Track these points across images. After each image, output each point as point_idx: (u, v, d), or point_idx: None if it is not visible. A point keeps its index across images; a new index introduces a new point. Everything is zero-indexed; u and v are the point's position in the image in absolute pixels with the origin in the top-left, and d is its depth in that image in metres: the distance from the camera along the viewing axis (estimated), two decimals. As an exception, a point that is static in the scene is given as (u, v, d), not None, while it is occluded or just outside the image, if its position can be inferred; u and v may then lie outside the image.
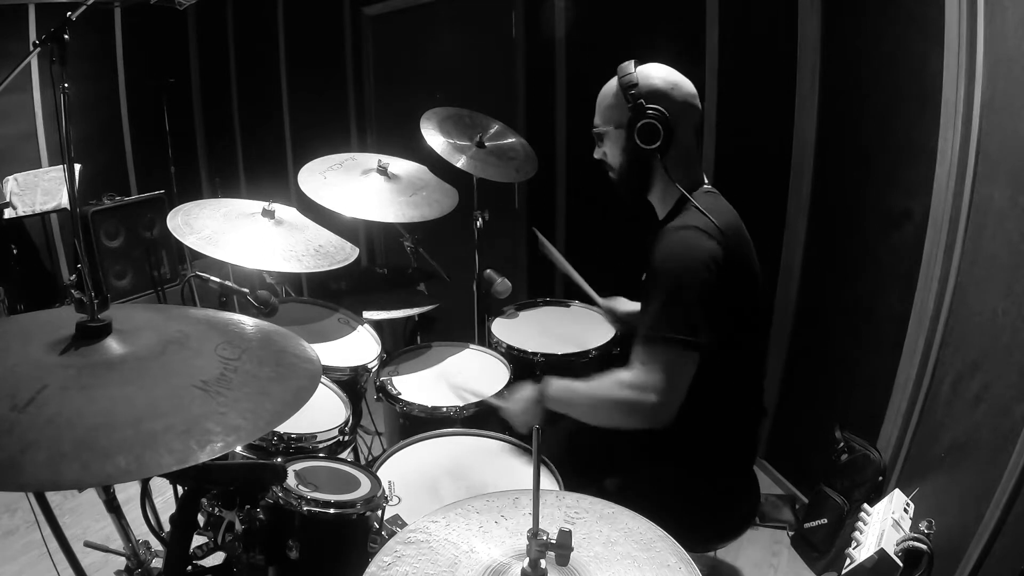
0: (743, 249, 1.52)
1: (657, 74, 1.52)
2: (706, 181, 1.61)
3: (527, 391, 1.60)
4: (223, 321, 1.06)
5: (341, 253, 2.04)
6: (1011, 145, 1.67)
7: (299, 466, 1.47)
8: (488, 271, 2.37)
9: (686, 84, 1.53)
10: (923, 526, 1.81)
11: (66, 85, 1.57)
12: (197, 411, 0.81)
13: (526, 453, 1.67)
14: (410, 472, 1.57)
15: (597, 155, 1.64)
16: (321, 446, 1.67)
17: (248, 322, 1.08)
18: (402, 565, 0.95)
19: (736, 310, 1.47)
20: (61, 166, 3.84)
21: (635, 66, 1.52)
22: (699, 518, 1.54)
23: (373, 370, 2.02)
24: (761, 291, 1.60)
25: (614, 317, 2.16)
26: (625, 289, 2.11)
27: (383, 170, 2.31)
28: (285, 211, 2.11)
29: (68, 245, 4.48)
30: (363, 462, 2.24)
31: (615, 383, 1.44)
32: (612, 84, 1.56)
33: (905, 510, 1.90)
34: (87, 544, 1.71)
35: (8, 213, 3.69)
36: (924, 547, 1.76)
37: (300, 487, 1.35)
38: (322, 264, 1.96)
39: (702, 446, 1.54)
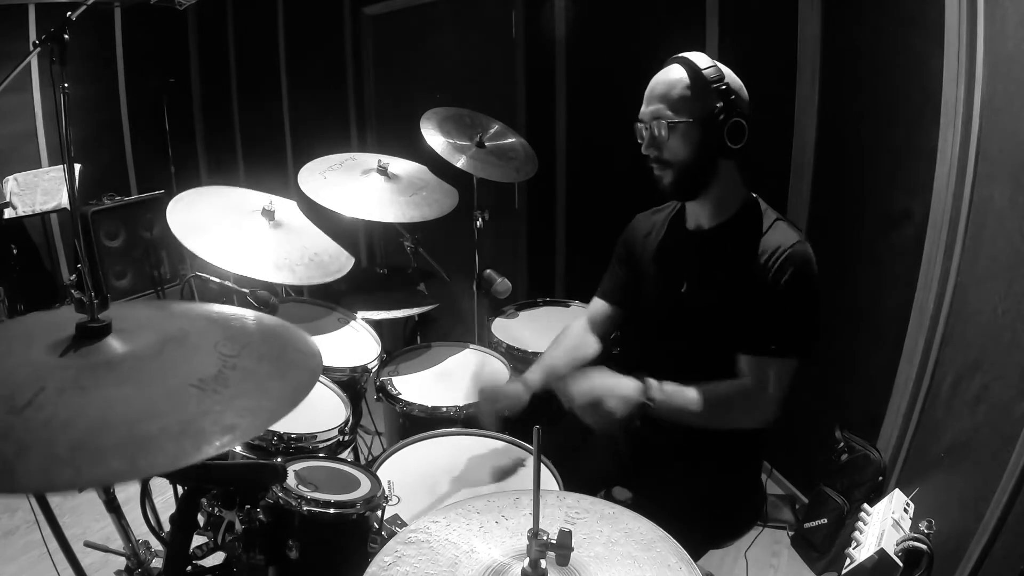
0: None
1: (731, 72, 1.48)
2: None
3: (626, 386, 1.44)
4: (224, 316, 1.06)
5: (336, 262, 2.00)
6: (1011, 145, 1.67)
7: (299, 466, 1.47)
8: (488, 271, 2.37)
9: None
10: (923, 526, 1.81)
11: (66, 85, 1.57)
12: (193, 411, 0.81)
13: (526, 453, 1.67)
14: (410, 472, 1.57)
15: (647, 150, 1.51)
16: (321, 446, 1.67)
17: (251, 316, 1.07)
18: (402, 565, 0.95)
19: None
20: (61, 166, 3.84)
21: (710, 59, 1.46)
22: (707, 516, 1.53)
23: (373, 370, 2.02)
24: None
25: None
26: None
27: (383, 170, 2.31)
28: (284, 210, 2.08)
29: (68, 245, 4.48)
30: (363, 462, 2.24)
31: (736, 395, 1.46)
32: (680, 73, 1.46)
33: (905, 510, 1.90)
34: (87, 544, 1.71)
35: (8, 213, 3.69)
36: (924, 547, 1.76)
37: (300, 487, 1.35)
38: (315, 276, 1.92)
39: (718, 442, 1.53)
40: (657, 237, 1.69)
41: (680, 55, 1.48)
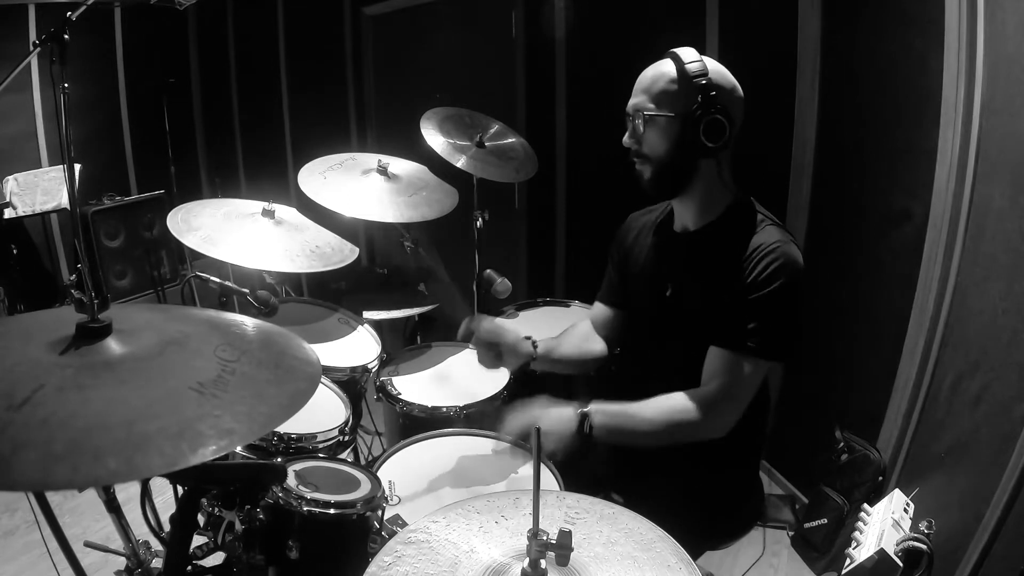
0: None
1: (720, 68, 1.43)
2: None
3: (565, 415, 1.43)
4: (225, 322, 1.06)
5: (338, 254, 2.02)
6: (1011, 145, 1.67)
7: (299, 466, 1.47)
8: (488, 271, 2.37)
9: (739, 87, 1.45)
10: (923, 526, 1.81)
11: (66, 85, 1.57)
12: (191, 413, 0.81)
13: (526, 453, 1.67)
14: (410, 472, 1.57)
15: (628, 142, 1.48)
16: (321, 446, 1.67)
17: (250, 323, 1.07)
18: (402, 565, 0.95)
19: None
20: (61, 166, 3.84)
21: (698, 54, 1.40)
22: (707, 516, 1.53)
23: (373, 370, 2.02)
24: None
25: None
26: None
27: (383, 170, 2.31)
28: (285, 211, 2.11)
29: (68, 245, 4.48)
30: (363, 462, 2.24)
31: (684, 405, 1.39)
32: (667, 67, 1.42)
33: (905, 510, 1.90)
34: (87, 544, 1.71)
35: (8, 213, 3.69)
36: (924, 547, 1.76)
37: (300, 487, 1.35)
38: (315, 265, 1.94)
39: (714, 441, 1.48)
40: (646, 239, 1.66)
41: (674, 49, 1.43)
